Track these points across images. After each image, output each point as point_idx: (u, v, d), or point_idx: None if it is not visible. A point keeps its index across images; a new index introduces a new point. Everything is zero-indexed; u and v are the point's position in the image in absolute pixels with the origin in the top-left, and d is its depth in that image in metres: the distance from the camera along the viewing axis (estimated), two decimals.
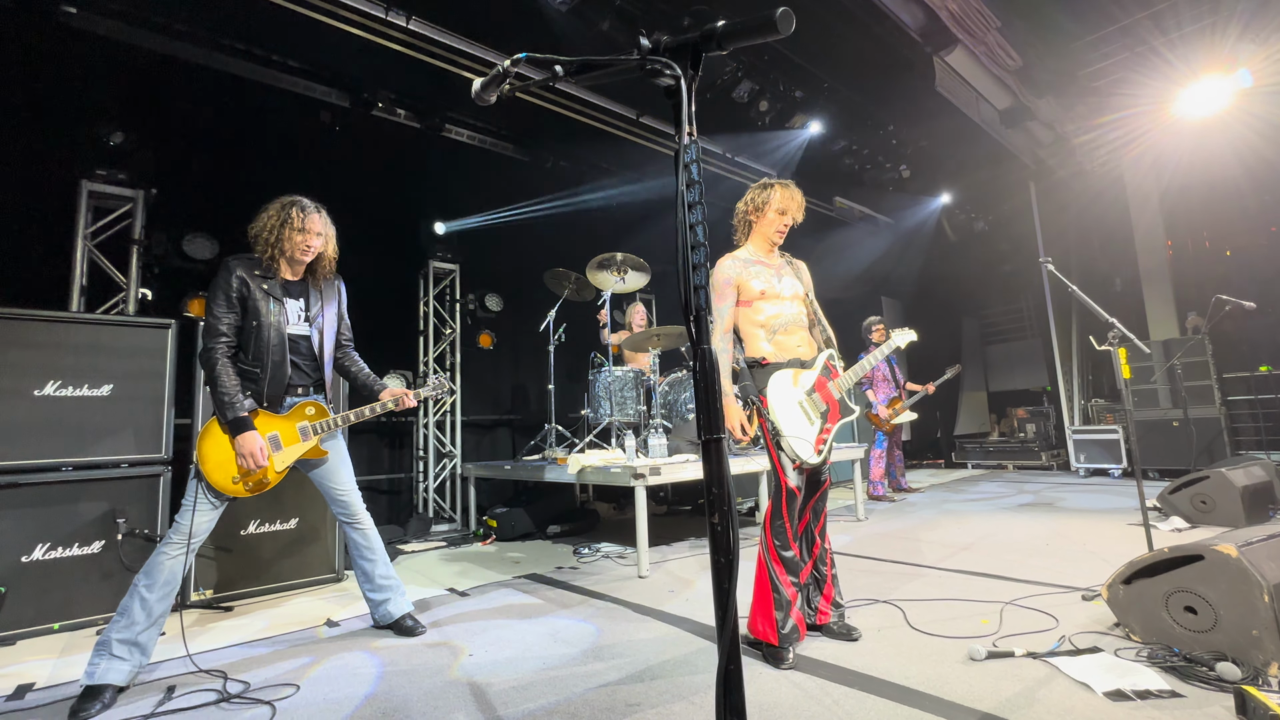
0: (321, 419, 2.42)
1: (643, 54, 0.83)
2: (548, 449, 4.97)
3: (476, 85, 1.23)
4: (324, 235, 2.43)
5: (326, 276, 2.53)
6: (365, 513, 2.62)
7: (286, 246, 2.33)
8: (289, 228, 2.32)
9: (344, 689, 2.05)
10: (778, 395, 2.24)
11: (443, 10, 4.67)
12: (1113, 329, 2.94)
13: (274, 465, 2.29)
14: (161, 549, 2.16)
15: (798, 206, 2.39)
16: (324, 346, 2.48)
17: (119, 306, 3.86)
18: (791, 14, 0.73)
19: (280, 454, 2.30)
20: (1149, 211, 7.90)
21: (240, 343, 2.29)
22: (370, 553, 2.59)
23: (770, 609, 2.13)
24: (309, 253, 2.39)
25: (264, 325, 2.29)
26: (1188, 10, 5.50)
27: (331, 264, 2.52)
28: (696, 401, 0.72)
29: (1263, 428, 6.48)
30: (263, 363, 2.29)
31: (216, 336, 2.23)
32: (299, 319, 2.42)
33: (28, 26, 3.76)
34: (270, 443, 2.28)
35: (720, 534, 0.66)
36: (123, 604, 2.11)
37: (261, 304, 2.30)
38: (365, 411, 2.52)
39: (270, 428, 2.31)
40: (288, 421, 2.36)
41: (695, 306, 0.71)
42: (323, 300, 2.50)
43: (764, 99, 5.83)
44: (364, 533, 2.59)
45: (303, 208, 2.36)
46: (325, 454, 2.47)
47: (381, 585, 2.60)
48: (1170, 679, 1.80)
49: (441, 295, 5.71)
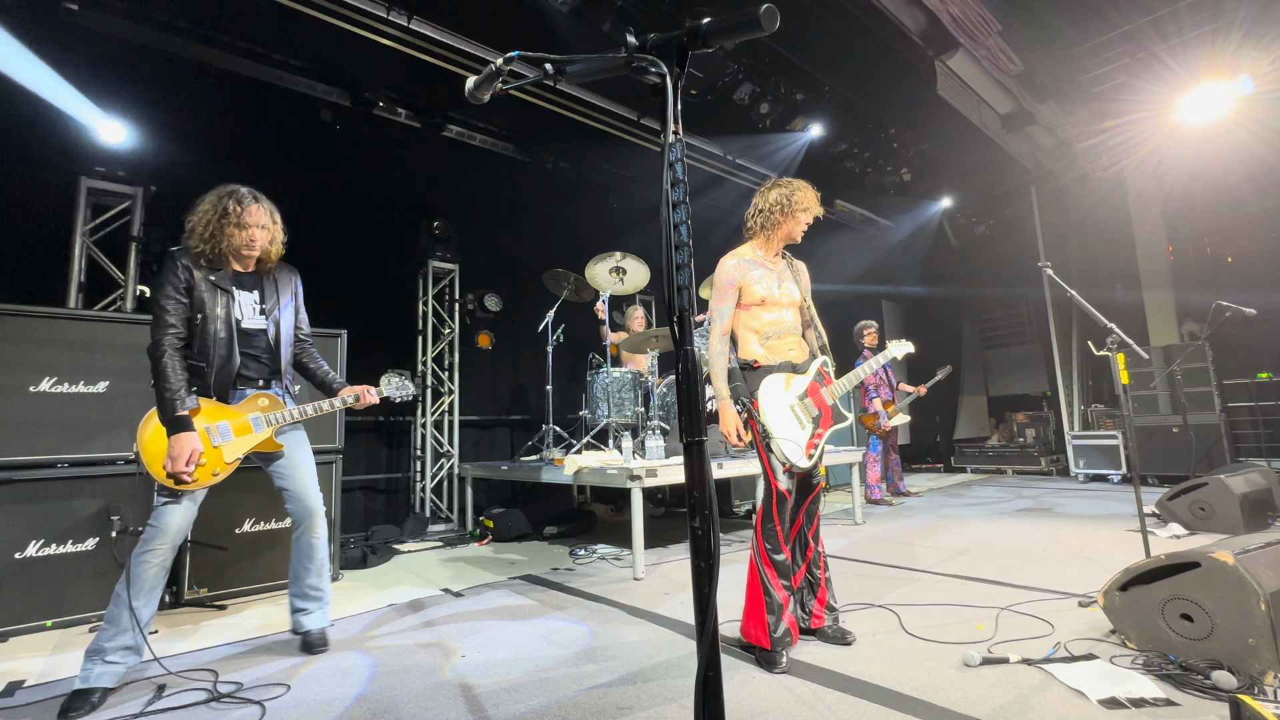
0: (275, 410, 2.33)
1: (629, 51, 0.83)
2: (545, 450, 4.96)
3: (470, 83, 1.22)
4: (267, 228, 2.28)
5: (274, 268, 2.41)
6: (322, 520, 2.46)
7: (226, 243, 2.21)
8: (227, 223, 2.19)
9: (335, 689, 2.04)
10: (769, 398, 2.23)
11: (444, 10, 4.68)
12: (1111, 334, 2.93)
13: (223, 455, 2.18)
14: (138, 556, 2.09)
15: (817, 207, 2.42)
16: (280, 339, 2.37)
17: (117, 303, 3.86)
18: (775, 11, 0.73)
19: (230, 444, 2.20)
20: (1150, 217, 7.89)
21: (187, 336, 2.18)
22: (310, 562, 2.45)
23: (762, 613, 2.11)
24: (253, 247, 2.26)
25: (209, 319, 2.18)
26: (1189, 16, 5.49)
27: (277, 257, 2.38)
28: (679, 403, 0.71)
29: (1262, 434, 6.46)
30: (208, 357, 2.20)
31: (164, 328, 2.12)
32: (254, 312, 2.31)
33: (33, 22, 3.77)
34: (219, 431, 2.18)
35: (701, 538, 0.65)
36: (109, 613, 2.07)
37: (207, 296, 2.19)
38: (324, 406, 2.44)
39: (220, 417, 2.22)
40: (238, 413, 2.26)
41: (679, 307, 0.71)
42: (278, 292, 2.39)
43: (765, 101, 5.82)
44: (313, 543, 2.43)
45: (239, 199, 2.21)
46: (280, 447, 2.35)
47: (309, 594, 2.46)
48: (1166, 687, 1.78)
49: (440, 295, 5.70)
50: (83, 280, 3.75)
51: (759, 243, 2.43)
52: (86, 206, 3.79)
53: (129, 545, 2.94)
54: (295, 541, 2.48)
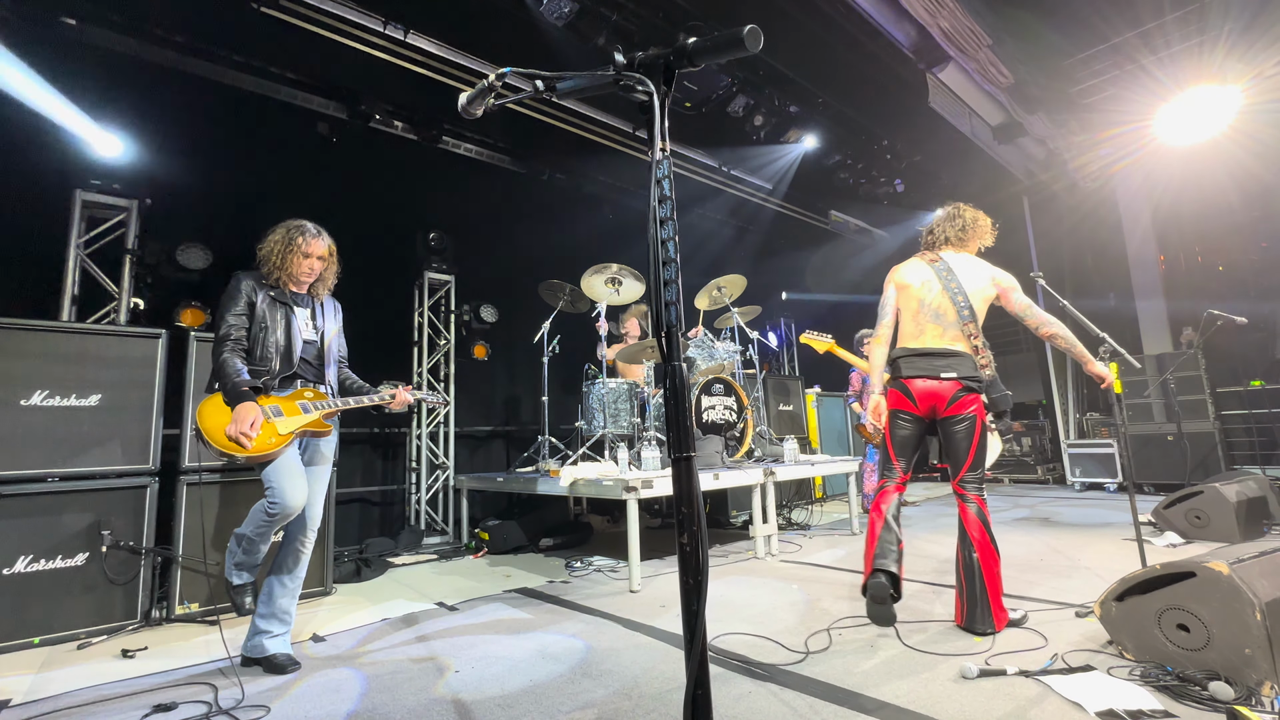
0: (320, 400, 2.52)
1: (617, 69, 0.84)
2: (541, 461, 4.94)
3: (463, 99, 1.23)
4: (324, 259, 2.59)
5: (327, 293, 2.68)
6: (315, 534, 2.51)
7: (292, 269, 2.50)
8: (293, 253, 2.49)
9: (326, 706, 2.01)
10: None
11: (440, 25, 4.72)
12: (1103, 344, 2.94)
13: (276, 429, 2.33)
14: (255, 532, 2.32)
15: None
16: (327, 352, 2.61)
17: (110, 316, 3.84)
18: (759, 32, 0.74)
19: (282, 420, 2.37)
20: (1141, 226, 7.97)
21: (248, 346, 2.41)
22: (290, 578, 2.47)
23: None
24: (312, 275, 2.57)
25: (270, 329, 2.44)
26: (1176, 29, 5.58)
27: (331, 283, 2.68)
28: (667, 419, 0.71)
29: (1256, 442, 6.48)
30: (269, 364, 2.41)
31: (226, 338, 2.35)
32: (307, 326, 2.58)
33: (31, 36, 3.78)
34: (271, 412, 2.35)
35: (689, 555, 0.65)
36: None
37: (268, 310, 2.45)
38: (364, 400, 2.63)
39: (270, 402, 2.39)
40: (289, 399, 2.45)
41: (666, 323, 0.71)
42: (324, 314, 2.66)
43: (759, 113, 5.88)
44: (299, 552, 2.48)
45: (304, 232, 2.52)
46: (329, 428, 2.52)
47: (280, 618, 2.45)
48: (1163, 698, 1.78)
49: (436, 306, 5.70)
50: (76, 293, 3.73)
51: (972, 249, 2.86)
52: (81, 219, 3.79)
53: (119, 560, 2.92)
54: (280, 553, 2.47)
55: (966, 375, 2.51)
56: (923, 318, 2.64)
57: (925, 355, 2.58)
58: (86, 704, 2.10)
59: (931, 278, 2.68)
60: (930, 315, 2.63)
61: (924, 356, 2.58)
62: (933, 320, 2.62)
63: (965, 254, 2.78)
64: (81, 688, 2.25)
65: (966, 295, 2.60)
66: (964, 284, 2.63)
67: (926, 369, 2.56)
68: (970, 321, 2.57)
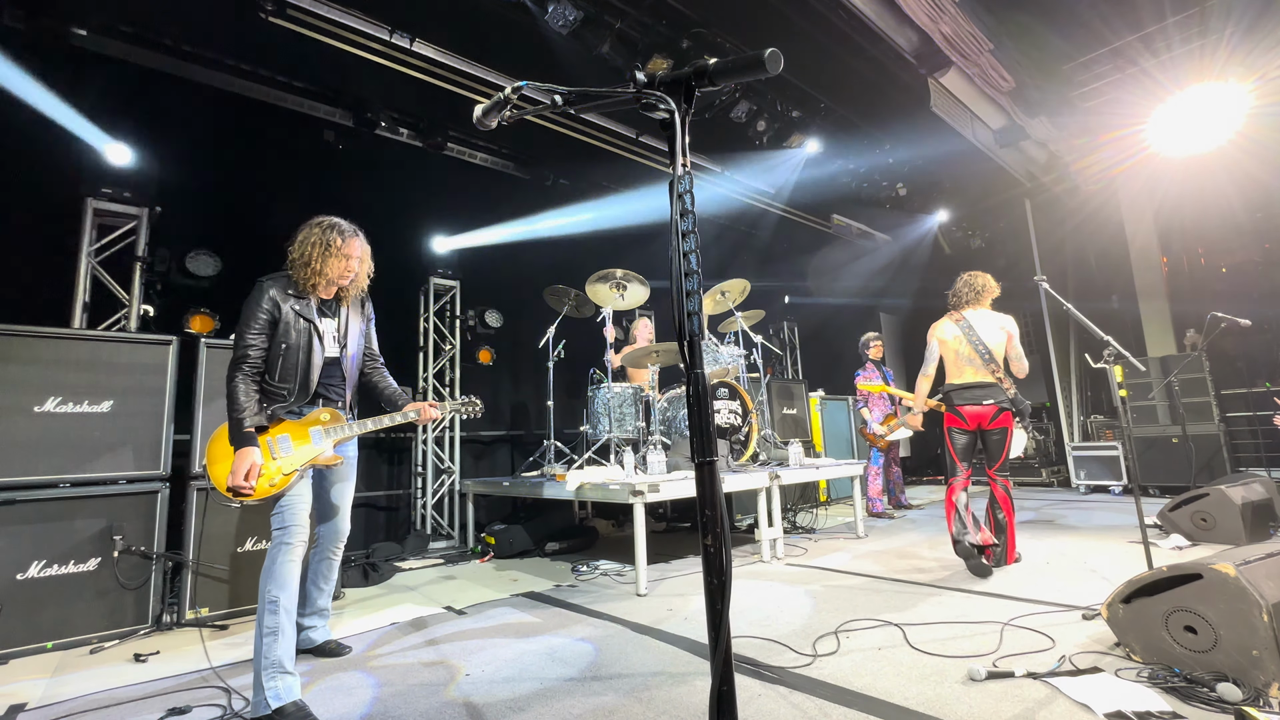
0: (335, 424, 2.37)
1: (638, 87, 0.86)
2: (546, 465, 4.96)
3: (478, 111, 1.26)
4: (363, 260, 2.44)
5: (358, 293, 2.52)
6: (344, 543, 2.62)
7: (328, 271, 2.33)
8: (331, 255, 2.31)
9: (339, 709, 2.03)
10: None
11: (446, 33, 4.76)
12: (1108, 346, 2.96)
13: (280, 469, 2.21)
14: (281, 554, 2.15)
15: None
16: (350, 369, 2.47)
17: (121, 323, 3.87)
18: (779, 55, 0.77)
19: (289, 457, 2.23)
20: (1144, 228, 7.97)
21: (267, 364, 2.26)
22: (325, 582, 2.63)
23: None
24: (348, 276, 2.40)
25: (293, 348, 2.28)
26: (1177, 32, 5.61)
27: (364, 284, 2.51)
28: (690, 425, 0.73)
29: (1262, 445, 6.47)
30: (290, 384, 2.29)
31: (242, 360, 2.20)
32: (333, 342, 2.41)
33: (42, 46, 3.83)
34: (279, 444, 2.23)
35: (713, 556, 0.67)
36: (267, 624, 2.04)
37: (292, 326, 2.28)
38: (384, 420, 2.49)
39: (282, 430, 2.26)
40: (301, 425, 2.31)
41: (690, 332, 0.73)
42: (350, 319, 2.48)
43: (762, 119, 5.91)
44: (333, 561, 2.62)
45: (342, 231, 2.35)
46: (339, 459, 2.39)
47: (322, 613, 2.64)
48: (1171, 700, 1.79)
49: (441, 311, 5.73)
50: (87, 300, 3.77)
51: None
52: (92, 227, 3.82)
53: (131, 565, 2.94)
54: (314, 563, 2.57)
55: (999, 399, 3.51)
56: (960, 362, 3.66)
57: (969, 388, 3.60)
58: (101, 708, 2.13)
59: (960, 334, 3.67)
60: (965, 360, 3.64)
61: (968, 389, 3.60)
62: (968, 364, 3.63)
63: (982, 309, 3.75)
64: (95, 691, 2.27)
65: (986, 346, 3.59)
66: (983, 337, 3.61)
67: (971, 398, 3.58)
68: (992, 362, 3.57)
